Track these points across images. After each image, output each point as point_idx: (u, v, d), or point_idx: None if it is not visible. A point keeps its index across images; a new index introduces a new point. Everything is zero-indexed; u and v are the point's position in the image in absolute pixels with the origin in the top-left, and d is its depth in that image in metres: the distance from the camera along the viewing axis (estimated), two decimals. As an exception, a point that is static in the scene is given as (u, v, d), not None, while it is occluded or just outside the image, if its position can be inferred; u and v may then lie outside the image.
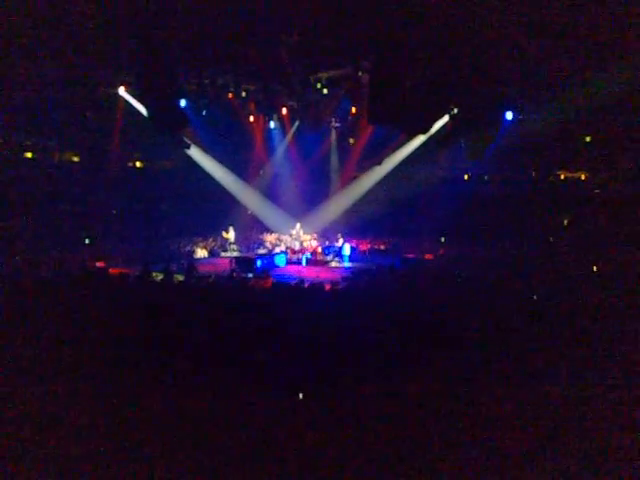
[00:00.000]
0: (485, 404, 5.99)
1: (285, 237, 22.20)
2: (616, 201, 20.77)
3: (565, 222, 22.75)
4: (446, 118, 21.07)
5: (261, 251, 21.83)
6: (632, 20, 13.00)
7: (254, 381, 6.44)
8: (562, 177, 24.84)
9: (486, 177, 25.15)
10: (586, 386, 6.25)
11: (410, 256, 21.19)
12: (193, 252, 21.60)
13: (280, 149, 25.83)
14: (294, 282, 12.76)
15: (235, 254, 21.45)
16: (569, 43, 14.77)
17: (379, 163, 24.40)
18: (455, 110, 20.55)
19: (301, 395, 6.18)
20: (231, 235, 22.24)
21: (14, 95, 18.52)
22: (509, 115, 20.08)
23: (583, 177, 24.36)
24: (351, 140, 26.55)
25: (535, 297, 10.26)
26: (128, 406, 5.93)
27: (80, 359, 6.89)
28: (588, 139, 22.60)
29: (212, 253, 22.88)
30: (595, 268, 15.32)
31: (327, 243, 22.54)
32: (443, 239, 23.23)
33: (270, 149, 26.04)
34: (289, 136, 25.00)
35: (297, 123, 24.29)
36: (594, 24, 13.56)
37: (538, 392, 6.21)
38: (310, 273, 17.26)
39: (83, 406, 5.85)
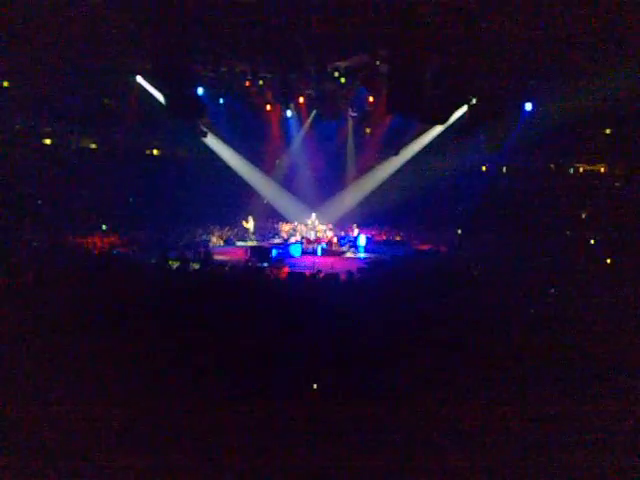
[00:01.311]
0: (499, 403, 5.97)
1: (301, 227, 22.15)
2: (636, 194, 20.52)
3: (583, 215, 22.49)
4: (465, 108, 20.87)
5: (276, 241, 21.83)
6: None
7: (269, 370, 6.47)
8: (581, 170, 24.53)
9: (504, 169, 24.87)
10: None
11: (424, 248, 21.10)
12: (209, 241, 21.66)
13: (297, 138, 25.75)
14: (309, 272, 12.76)
15: (253, 243, 21.45)
16: (589, 34, 14.55)
17: (396, 153, 24.22)
18: (474, 100, 20.36)
19: (315, 385, 6.20)
20: (251, 225, 22.22)
21: (33, 83, 18.64)
22: (528, 106, 19.87)
23: (603, 170, 24.04)
24: (368, 130, 26.39)
25: (553, 291, 10.18)
26: (146, 390, 5.98)
27: (96, 346, 6.96)
28: (608, 131, 22.28)
29: (227, 242, 22.94)
30: (609, 261, 15.16)
31: (342, 233, 22.46)
32: (460, 231, 23.05)
33: (287, 138, 25.97)
34: (306, 125, 24.89)
35: (314, 112, 24.17)
36: (614, 16, 13.35)
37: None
38: (325, 263, 17.22)
39: (99, 395, 5.90)
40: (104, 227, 21.05)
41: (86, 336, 7.18)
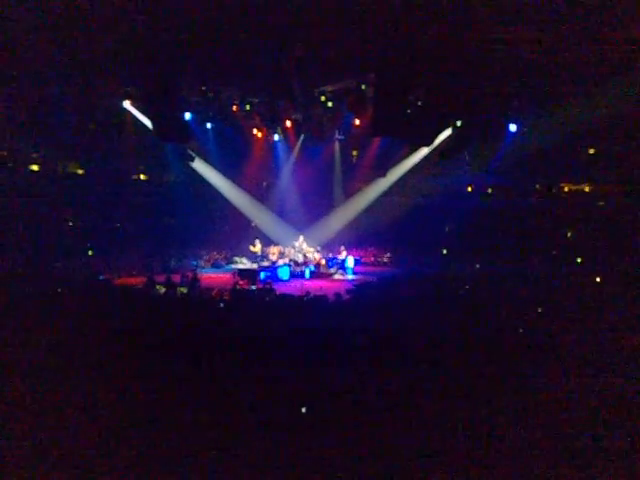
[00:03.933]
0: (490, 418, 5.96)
1: (288, 249, 22.14)
2: (619, 213, 20.75)
3: (569, 234, 22.69)
4: (449, 130, 21.12)
5: (264, 263, 21.82)
6: (636, 34, 13.05)
7: (257, 394, 6.42)
8: (566, 189, 24.79)
9: (490, 189, 25.09)
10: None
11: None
12: (196, 265, 21.62)
13: (284, 162, 25.89)
14: (298, 294, 12.75)
15: (264, 264, 21.32)
16: (572, 56, 14.80)
17: (383, 175, 24.41)
18: (458, 122, 20.62)
19: (304, 409, 6.15)
20: (258, 248, 22.12)
21: (20, 108, 18.65)
22: (513, 127, 20.12)
23: (587, 189, 24.32)
24: (354, 152, 26.61)
25: (539, 310, 10.22)
26: (131, 418, 5.91)
27: (83, 371, 6.89)
28: (592, 151, 22.59)
29: (215, 265, 22.93)
30: (598, 279, 15.25)
31: (330, 255, 22.49)
32: (445, 251, 23.17)
33: (274, 162, 26.09)
34: (295, 149, 25.03)
35: (302, 137, 24.34)
36: (598, 38, 13.61)
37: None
38: (314, 285, 17.21)
39: (86, 419, 5.83)
40: (90, 252, 20.95)
41: (70, 360, 7.11)
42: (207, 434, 5.66)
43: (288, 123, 22.35)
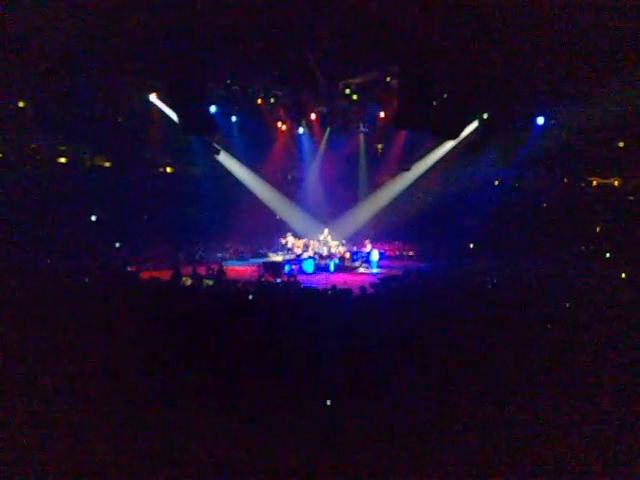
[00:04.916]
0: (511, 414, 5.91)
1: (313, 242, 22.16)
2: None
3: (597, 229, 22.33)
4: (476, 123, 20.91)
5: (289, 256, 21.88)
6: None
7: (283, 387, 6.44)
8: (594, 183, 24.39)
9: (517, 183, 24.78)
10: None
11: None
12: (222, 257, 21.77)
13: (309, 155, 25.89)
14: (323, 288, 12.75)
15: (287, 257, 21.47)
16: (601, 48, 14.54)
17: (408, 169, 24.27)
18: (485, 115, 20.40)
19: (329, 401, 6.16)
20: (291, 241, 22.26)
21: (47, 101, 18.92)
22: (540, 120, 19.85)
23: (616, 183, 23.90)
24: (379, 145, 26.50)
25: (567, 305, 10.08)
26: (156, 412, 5.97)
27: (109, 364, 6.97)
28: (621, 144, 22.17)
29: (240, 258, 23.07)
30: (624, 275, 15.00)
31: (355, 249, 22.46)
32: (472, 245, 22.98)
33: (299, 155, 26.11)
34: (321, 142, 25.01)
35: (329, 130, 24.31)
36: (625, 28, 13.34)
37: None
38: (338, 279, 17.21)
39: (108, 413, 5.89)
40: (118, 244, 21.21)
41: (97, 354, 7.20)
42: (230, 426, 5.69)
43: (313, 116, 22.36)
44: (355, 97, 19.32)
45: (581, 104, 18.19)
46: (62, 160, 22.84)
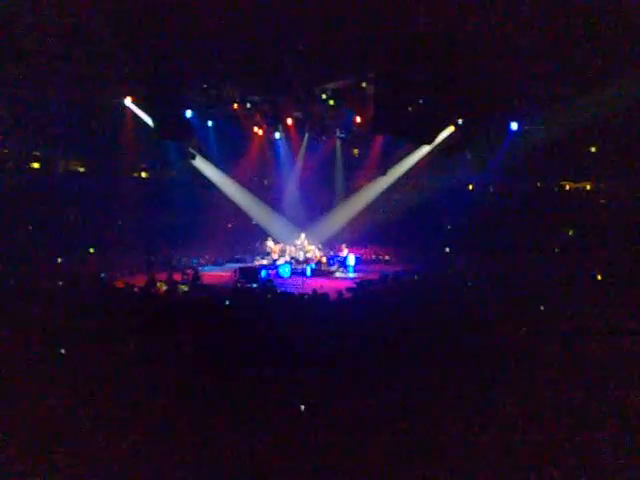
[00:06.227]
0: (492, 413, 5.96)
1: (289, 247, 22.13)
2: (621, 211, 20.71)
3: (570, 233, 22.65)
4: (451, 128, 21.10)
5: (265, 261, 21.80)
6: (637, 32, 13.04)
7: (257, 393, 6.42)
8: (567, 187, 24.75)
9: (491, 188, 25.03)
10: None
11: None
12: (197, 263, 21.62)
13: (285, 160, 25.86)
14: (300, 293, 12.75)
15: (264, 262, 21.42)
16: (574, 54, 14.80)
17: (384, 173, 24.39)
18: (460, 120, 20.59)
19: (303, 407, 6.15)
20: (271, 246, 22.21)
21: (21, 106, 18.63)
22: (514, 126, 20.09)
23: (588, 187, 24.28)
24: (355, 150, 26.59)
25: (542, 308, 10.21)
26: (130, 418, 5.90)
27: (84, 370, 6.88)
28: (593, 149, 22.54)
29: (215, 263, 22.95)
30: (599, 277, 15.24)
31: (332, 253, 22.47)
32: (448, 249, 23.14)
33: (275, 160, 26.07)
34: (299, 149, 25.02)
35: (307, 136, 24.33)
36: (600, 37, 13.59)
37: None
38: (315, 283, 17.20)
39: (84, 422, 5.82)
40: (91, 250, 20.93)
41: (71, 360, 7.11)
42: (206, 433, 5.65)
43: (289, 121, 22.35)
44: (331, 102, 19.34)
45: (554, 110, 18.47)
46: (35, 165, 22.50)
